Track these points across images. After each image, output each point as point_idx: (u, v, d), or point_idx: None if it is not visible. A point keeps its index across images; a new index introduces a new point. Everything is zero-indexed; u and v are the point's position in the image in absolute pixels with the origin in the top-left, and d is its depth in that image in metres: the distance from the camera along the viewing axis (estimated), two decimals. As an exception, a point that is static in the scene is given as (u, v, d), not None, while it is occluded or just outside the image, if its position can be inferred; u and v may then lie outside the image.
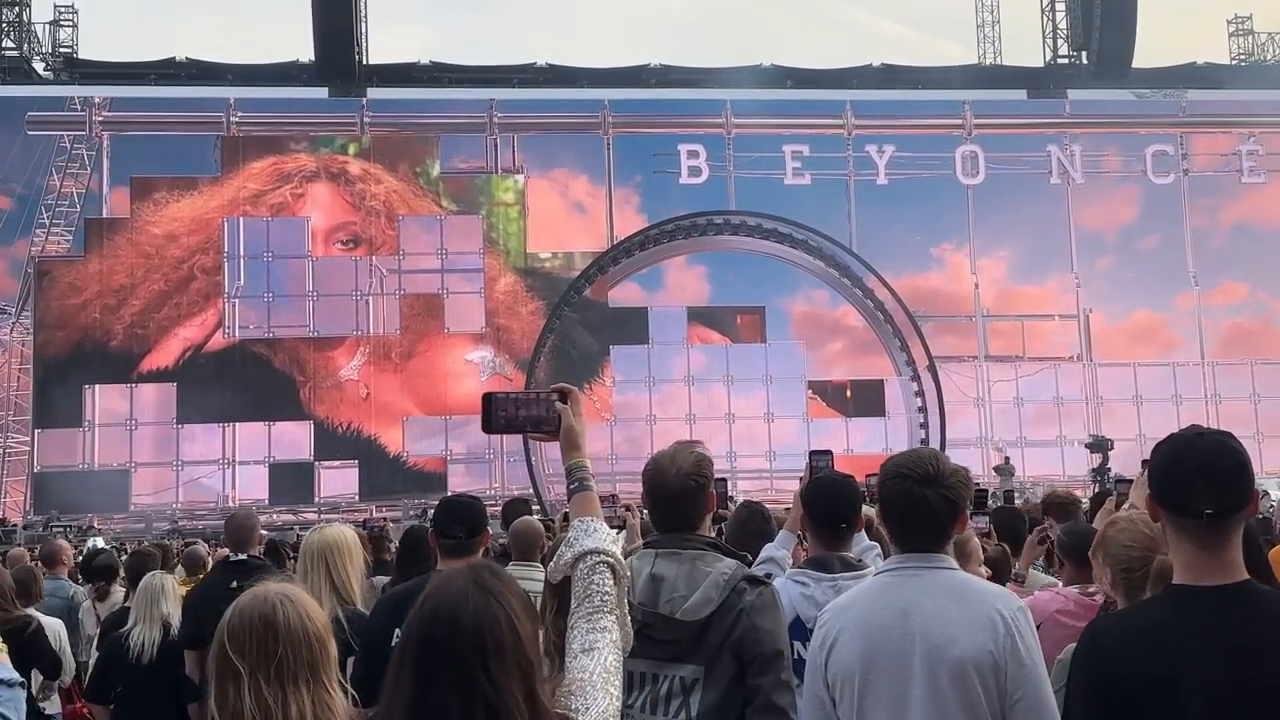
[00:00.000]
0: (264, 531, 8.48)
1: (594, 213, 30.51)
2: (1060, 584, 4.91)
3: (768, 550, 4.78)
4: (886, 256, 30.36)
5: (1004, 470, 26.79)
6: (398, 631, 4.29)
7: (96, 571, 8.77)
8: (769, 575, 3.38)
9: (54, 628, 7.42)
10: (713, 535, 3.46)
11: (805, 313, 30.60)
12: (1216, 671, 2.34)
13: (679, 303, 30.02)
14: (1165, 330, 31.45)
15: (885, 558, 3.85)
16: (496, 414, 2.72)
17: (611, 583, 2.42)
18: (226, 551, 6.62)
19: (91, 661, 7.20)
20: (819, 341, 30.50)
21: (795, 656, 3.42)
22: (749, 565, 3.35)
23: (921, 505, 2.99)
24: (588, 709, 2.14)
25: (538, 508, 23.09)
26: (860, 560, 4.04)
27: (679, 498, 3.40)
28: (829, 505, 4.03)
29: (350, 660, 3.89)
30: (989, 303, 30.79)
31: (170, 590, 6.55)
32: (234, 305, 28.71)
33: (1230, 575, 2.43)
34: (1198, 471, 2.43)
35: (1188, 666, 2.35)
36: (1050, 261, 31.14)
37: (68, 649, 7.61)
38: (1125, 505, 4.74)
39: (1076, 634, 4.00)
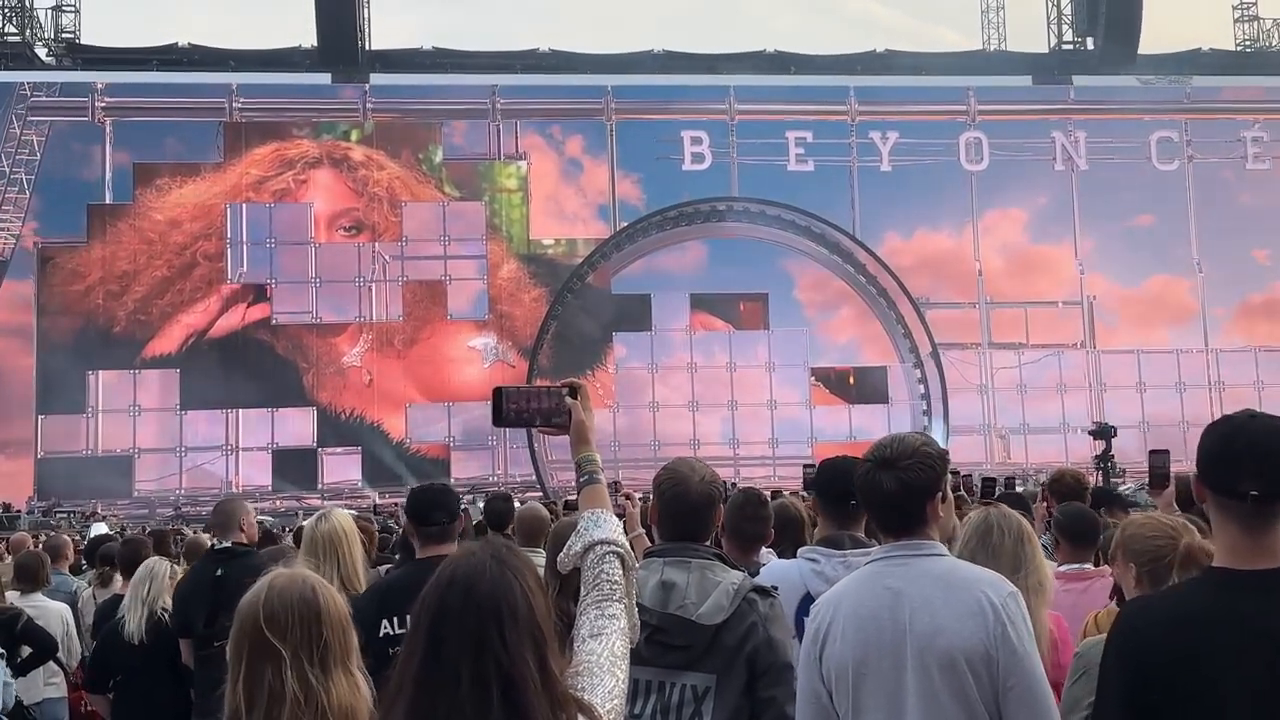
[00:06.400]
0: (265, 518, 8.45)
1: (594, 185, 30.43)
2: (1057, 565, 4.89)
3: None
4: (893, 222, 30.40)
5: None
6: (385, 622, 4.30)
7: (103, 559, 8.74)
8: (774, 588, 3.37)
9: (60, 612, 7.44)
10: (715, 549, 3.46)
11: (812, 278, 30.55)
12: (1254, 659, 2.30)
13: (682, 289, 30.00)
14: (1184, 296, 31.33)
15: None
16: (507, 407, 2.72)
17: (620, 572, 2.44)
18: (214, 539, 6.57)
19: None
20: (827, 307, 30.49)
21: (798, 635, 3.42)
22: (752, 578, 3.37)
23: (876, 488, 3.00)
24: (594, 688, 2.17)
25: (539, 494, 23.14)
26: (870, 539, 4.03)
27: (700, 507, 3.41)
28: (838, 484, 4.04)
29: None
30: (994, 278, 30.74)
31: (161, 576, 6.51)
32: (236, 292, 28.75)
33: (1272, 560, 2.39)
34: (1248, 452, 2.39)
35: (1223, 652, 2.32)
36: (1055, 240, 31.12)
37: (74, 634, 7.62)
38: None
39: (1076, 613, 3.98)
